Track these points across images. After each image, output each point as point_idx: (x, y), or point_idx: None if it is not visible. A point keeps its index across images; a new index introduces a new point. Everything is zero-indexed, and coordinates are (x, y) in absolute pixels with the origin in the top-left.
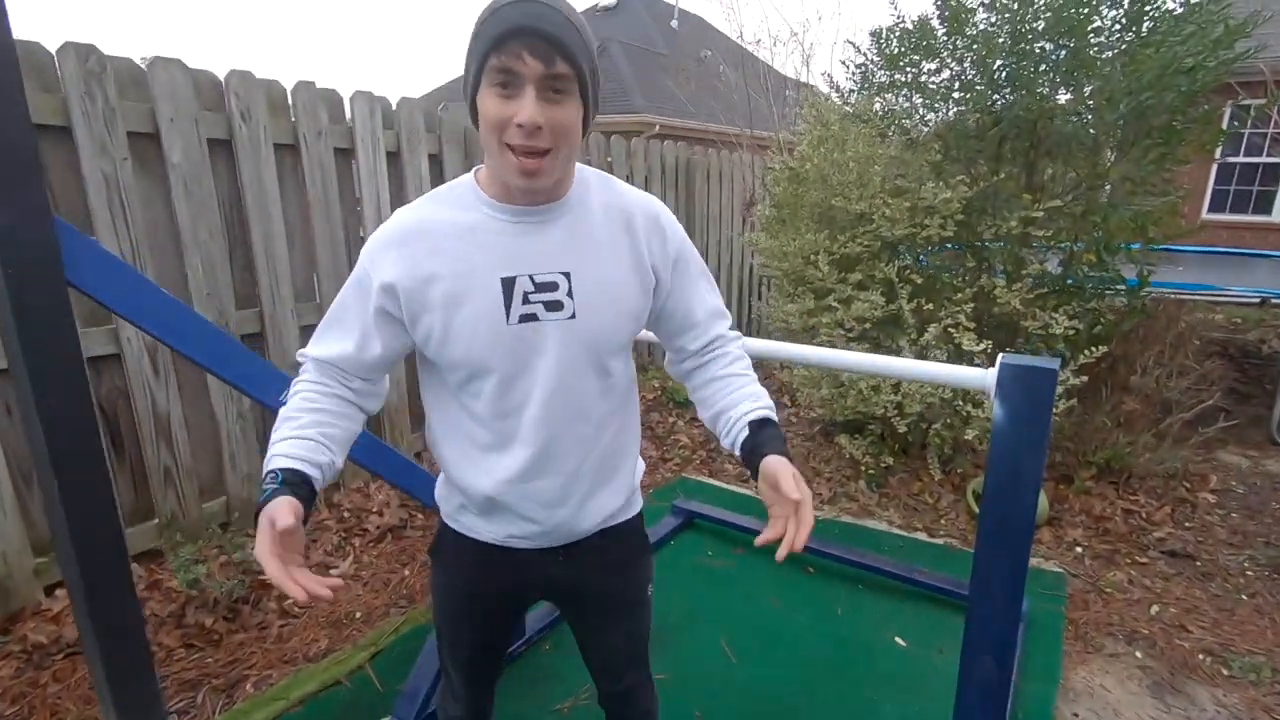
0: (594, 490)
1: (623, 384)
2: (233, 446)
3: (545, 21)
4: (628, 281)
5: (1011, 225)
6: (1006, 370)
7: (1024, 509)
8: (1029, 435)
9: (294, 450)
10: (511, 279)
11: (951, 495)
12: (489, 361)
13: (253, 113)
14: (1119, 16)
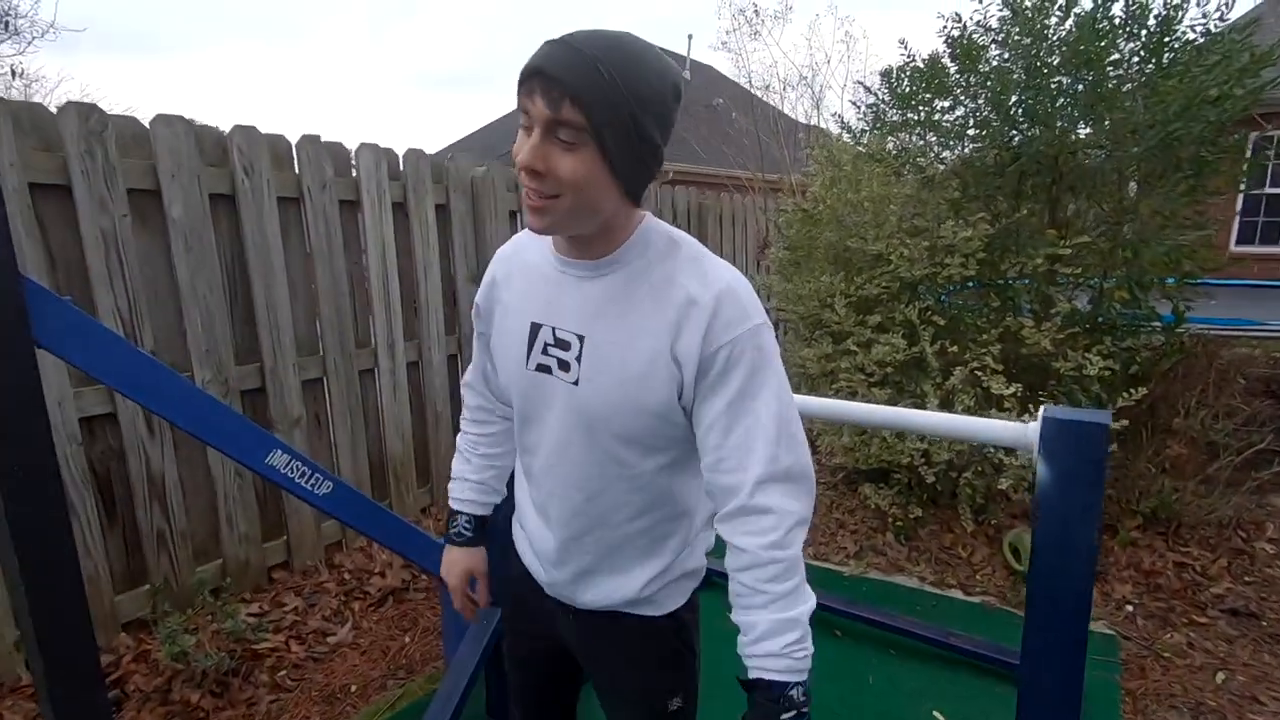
0: (598, 570)
1: (655, 483)
2: (230, 507)
3: (561, 64)
4: (645, 370)
5: (1037, 263)
6: (1051, 425)
7: (1079, 580)
8: (1080, 497)
9: (472, 495)
10: (538, 326)
11: (986, 548)
12: (511, 395)
13: (256, 167)
14: (1137, 49)
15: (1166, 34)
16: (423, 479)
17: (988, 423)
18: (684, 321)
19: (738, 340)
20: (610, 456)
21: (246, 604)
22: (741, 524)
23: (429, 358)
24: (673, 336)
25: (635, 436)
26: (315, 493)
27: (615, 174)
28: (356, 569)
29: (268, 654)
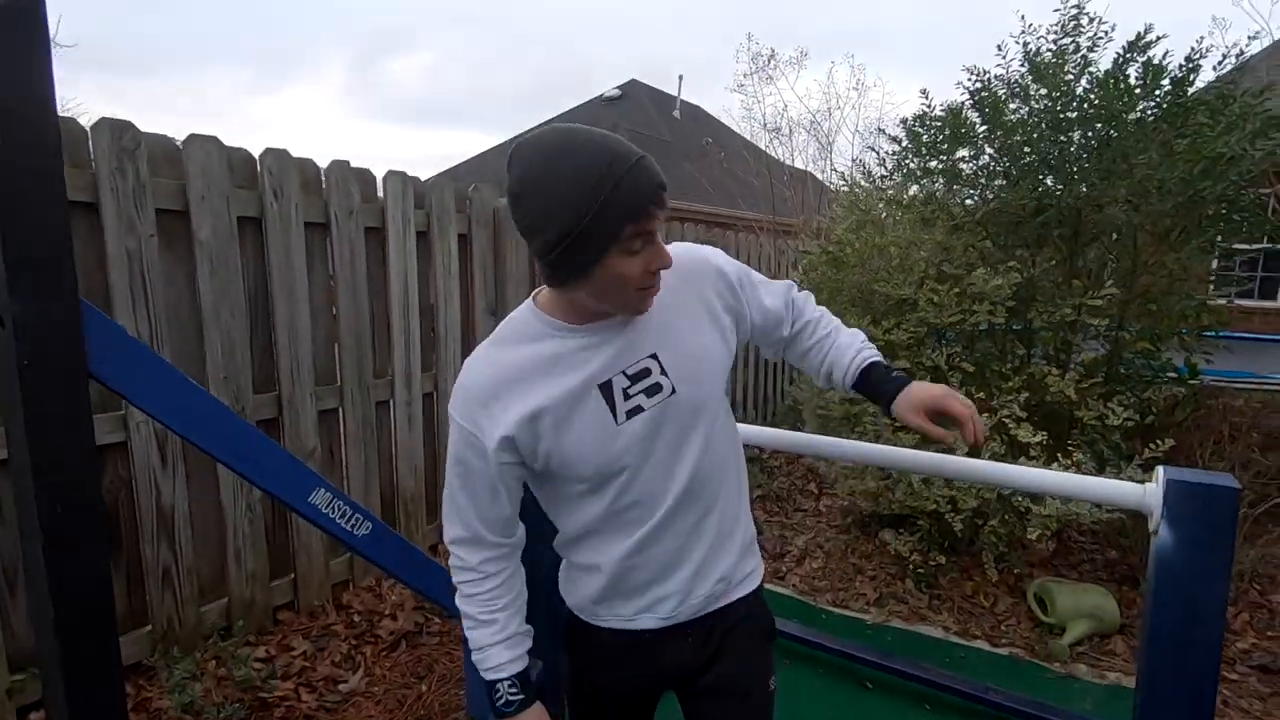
0: (714, 548)
1: (726, 430)
2: (239, 542)
3: (659, 174)
4: (710, 342)
5: (1065, 312)
6: (1176, 489)
7: (1205, 657)
8: (1207, 568)
9: (507, 655)
10: (608, 382)
11: (1009, 598)
12: (610, 465)
13: (285, 190)
14: (1151, 108)
15: (1180, 94)
16: (432, 515)
17: (1101, 482)
18: (713, 289)
19: (731, 269)
20: (710, 426)
21: (253, 647)
22: (802, 311)
23: (445, 389)
24: (715, 305)
25: (721, 396)
26: (355, 534)
27: None
28: (366, 610)
29: (277, 703)
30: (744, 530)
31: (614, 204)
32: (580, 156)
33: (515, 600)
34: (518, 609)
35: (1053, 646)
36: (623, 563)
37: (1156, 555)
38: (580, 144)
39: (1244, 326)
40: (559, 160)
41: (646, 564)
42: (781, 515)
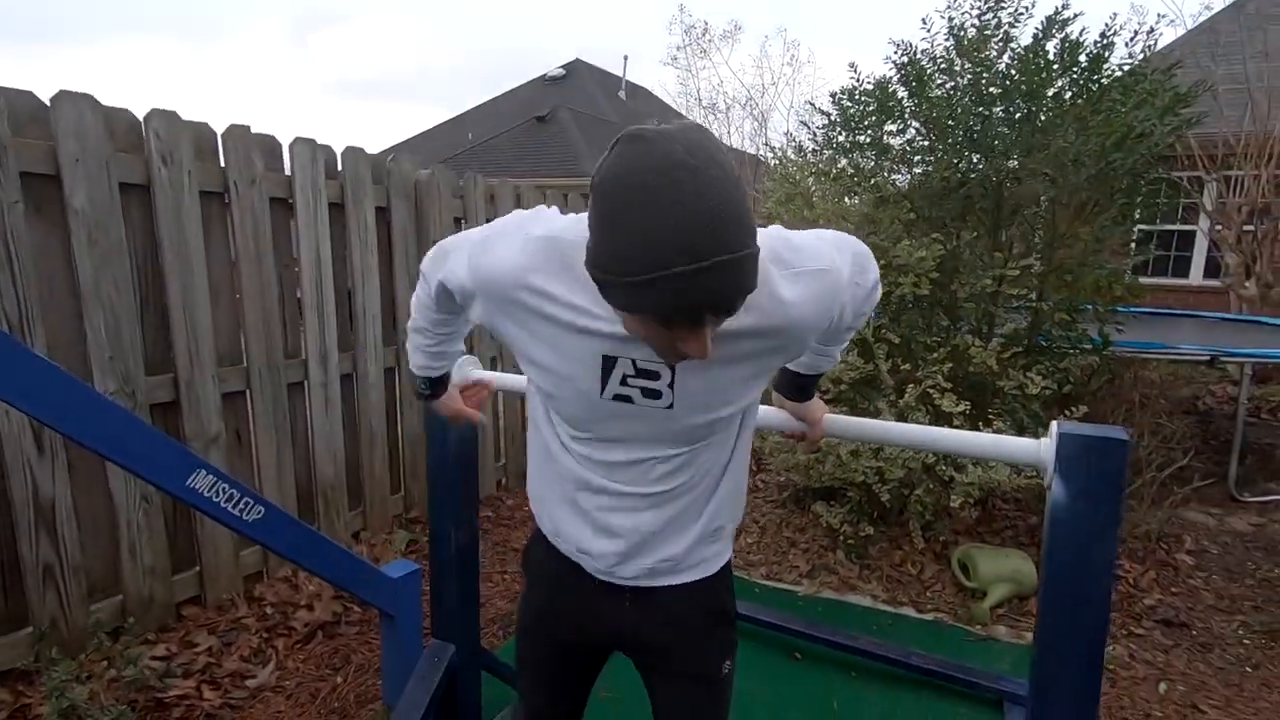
0: (661, 536)
1: (723, 446)
2: (134, 536)
3: (735, 286)
4: (741, 384)
5: (985, 283)
6: (1069, 442)
7: (1096, 606)
8: (1098, 520)
9: (428, 364)
10: (614, 359)
11: (935, 565)
12: (576, 418)
13: (175, 156)
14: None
15: (1095, 71)
16: (355, 501)
17: (999, 439)
18: (782, 347)
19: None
20: (696, 439)
21: (151, 645)
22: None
23: (364, 370)
24: (769, 359)
25: (726, 421)
26: (244, 519)
27: None
28: (280, 602)
29: (175, 703)
30: (709, 522)
31: (660, 293)
32: (656, 226)
33: (452, 333)
34: (450, 338)
35: (974, 610)
36: (563, 505)
37: (1050, 511)
38: (667, 206)
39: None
40: (636, 209)
41: (586, 519)
42: None
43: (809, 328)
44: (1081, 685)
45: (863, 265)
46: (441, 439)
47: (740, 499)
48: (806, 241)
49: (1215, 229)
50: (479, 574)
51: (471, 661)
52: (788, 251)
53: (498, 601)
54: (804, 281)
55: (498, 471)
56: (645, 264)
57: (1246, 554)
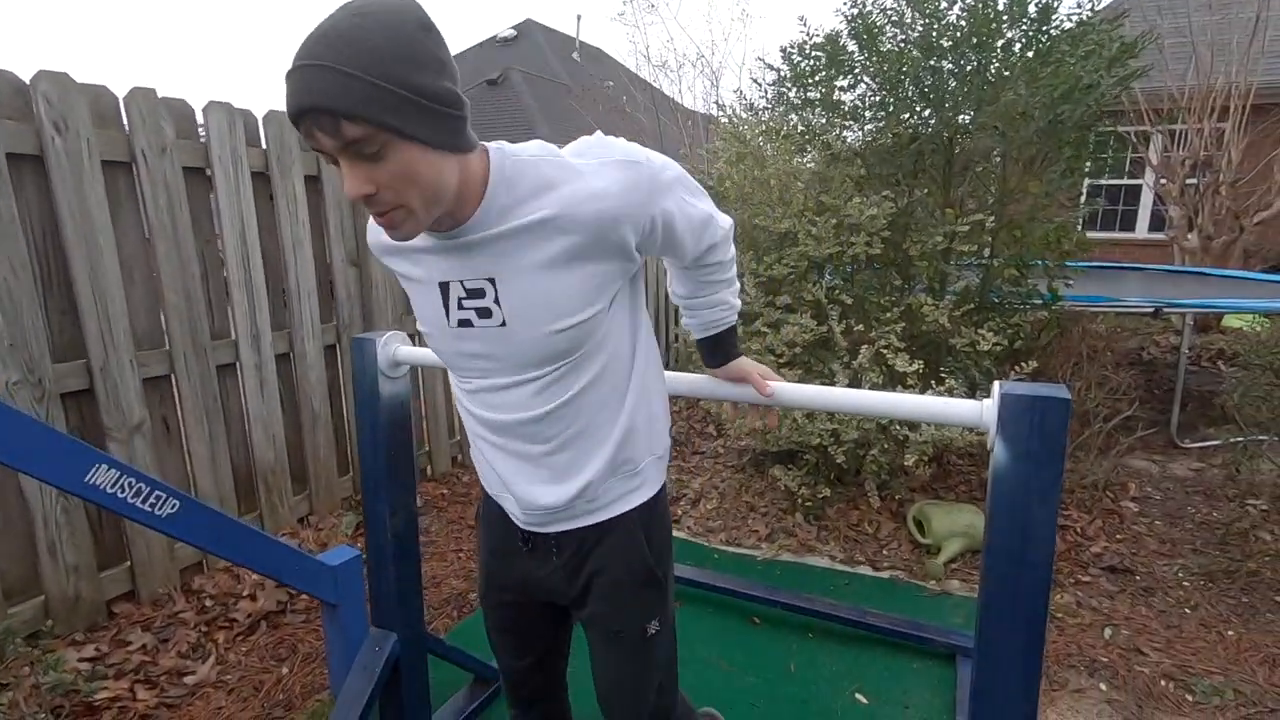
0: (559, 473)
1: (606, 372)
2: (53, 534)
3: (312, 92)
4: (571, 294)
5: (937, 240)
6: (1010, 402)
7: (1039, 566)
8: (1041, 480)
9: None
10: (447, 284)
11: (891, 523)
12: (444, 353)
13: (70, 123)
14: (1018, 36)
15: (1044, 22)
16: (299, 486)
17: (945, 401)
18: (588, 235)
19: (630, 210)
20: (552, 362)
21: (78, 647)
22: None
23: (302, 350)
24: (586, 252)
25: (574, 340)
26: (156, 514)
27: (432, 145)
28: (221, 593)
29: (106, 705)
30: (616, 452)
31: (286, 103)
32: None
33: None
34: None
35: (928, 566)
36: (481, 454)
37: (993, 472)
38: (312, 31)
39: (1105, 256)
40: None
41: (497, 462)
42: (679, 459)
43: (614, 219)
44: (1025, 643)
45: (692, 186)
46: (372, 417)
47: (655, 434)
48: (623, 142)
49: (1160, 183)
50: (419, 558)
51: (415, 649)
52: (595, 144)
53: (453, 581)
54: (610, 170)
55: (453, 448)
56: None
57: (1187, 499)
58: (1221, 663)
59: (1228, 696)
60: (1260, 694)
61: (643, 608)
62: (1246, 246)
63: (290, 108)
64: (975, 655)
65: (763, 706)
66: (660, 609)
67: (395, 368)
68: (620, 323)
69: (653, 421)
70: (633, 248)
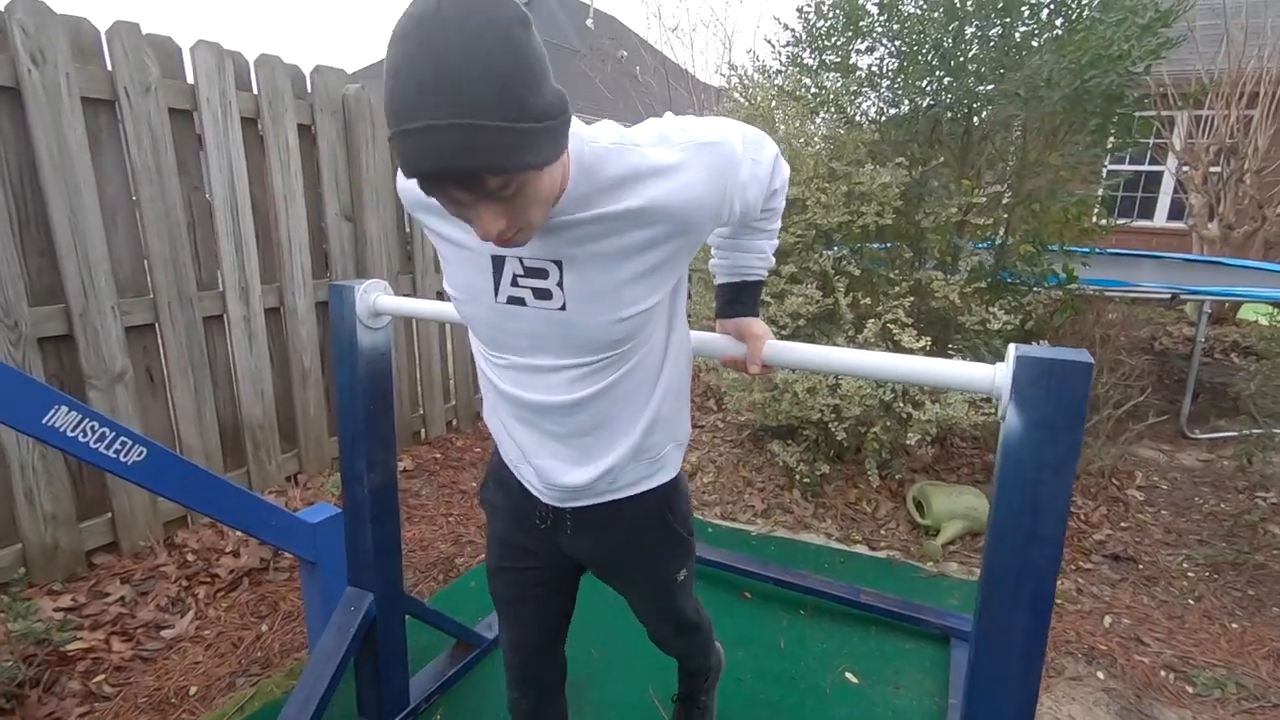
0: (584, 454)
1: (644, 365)
2: (30, 480)
3: (448, 156)
4: (637, 282)
5: (951, 211)
6: (1027, 366)
7: (1049, 543)
8: (1057, 450)
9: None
10: (502, 259)
11: (890, 503)
12: (480, 323)
13: (49, 55)
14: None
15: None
16: (288, 444)
17: (955, 364)
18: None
19: (705, 194)
20: (602, 349)
21: (55, 597)
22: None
23: (292, 305)
24: (661, 246)
25: (628, 331)
26: (122, 461)
27: (552, 163)
28: (204, 548)
29: (80, 656)
30: (641, 440)
31: (400, 158)
32: (394, 83)
33: None
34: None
35: (926, 547)
36: (503, 428)
37: (1004, 442)
38: (406, 61)
39: (1122, 244)
40: (391, 60)
41: (522, 438)
42: None
43: (701, 208)
44: (1029, 623)
45: (755, 141)
46: (350, 368)
47: (678, 423)
48: (693, 121)
49: (1182, 169)
50: (398, 516)
51: (392, 609)
52: (672, 130)
53: (441, 545)
54: (691, 156)
55: (448, 412)
56: (390, 120)
57: (1194, 489)
58: (1224, 655)
59: (1229, 689)
60: (1264, 688)
61: (672, 562)
62: (1268, 237)
63: (421, 173)
64: (975, 632)
65: (749, 681)
66: (687, 558)
67: (375, 317)
68: (663, 312)
69: (678, 410)
70: (707, 234)
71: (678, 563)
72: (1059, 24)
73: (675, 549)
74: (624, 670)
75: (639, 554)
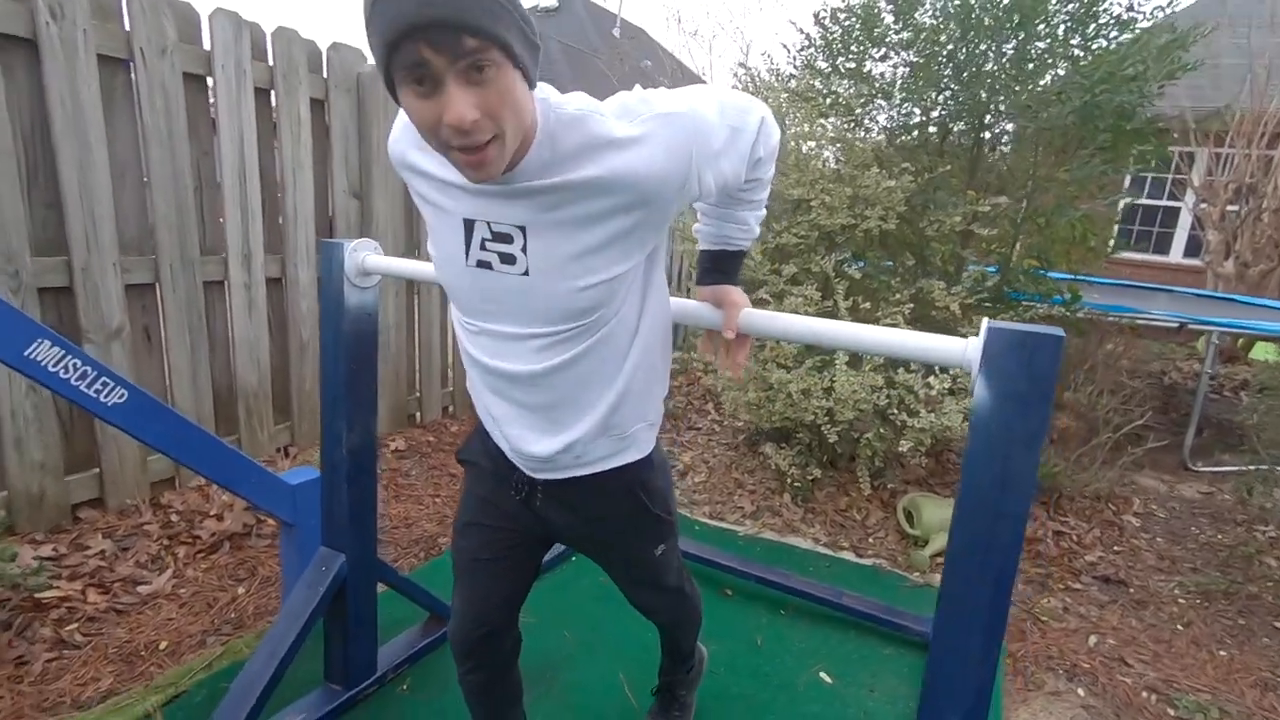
0: (551, 426)
1: (612, 341)
2: (19, 427)
3: (434, 4)
4: (600, 252)
5: (955, 220)
6: (997, 338)
7: (1012, 525)
8: (1025, 425)
9: None
10: (472, 222)
11: (880, 512)
12: (453, 288)
13: (67, 10)
14: (1064, 17)
15: (1095, 4)
16: (282, 415)
17: (928, 336)
18: (631, 196)
19: (672, 163)
20: (568, 318)
21: (36, 545)
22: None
23: (294, 276)
24: (627, 212)
25: (595, 300)
26: (102, 401)
27: (526, 74)
28: (188, 510)
29: (55, 604)
30: (609, 414)
31: (375, 25)
32: None
33: None
34: None
35: (914, 557)
36: (479, 395)
37: (973, 416)
38: None
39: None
40: None
41: (494, 404)
42: (673, 433)
43: (661, 181)
44: (991, 596)
45: (739, 107)
46: (335, 326)
47: (649, 402)
48: (660, 93)
49: (1200, 205)
50: (375, 479)
51: (364, 572)
52: (636, 102)
53: (425, 524)
54: (651, 127)
55: (444, 398)
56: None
57: (1192, 519)
58: (1210, 681)
59: (1212, 715)
60: (1247, 715)
61: (648, 540)
62: None
63: (402, 22)
64: (938, 606)
65: (722, 674)
66: (666, 535)
67: (364, 277)
68: (634, 287)
69: (649, 390)
70: (673, 206)
71: (654, 541)
72: (1074, 42)
73: (651, 528)
74: (597, 655)
75: (613, 531)
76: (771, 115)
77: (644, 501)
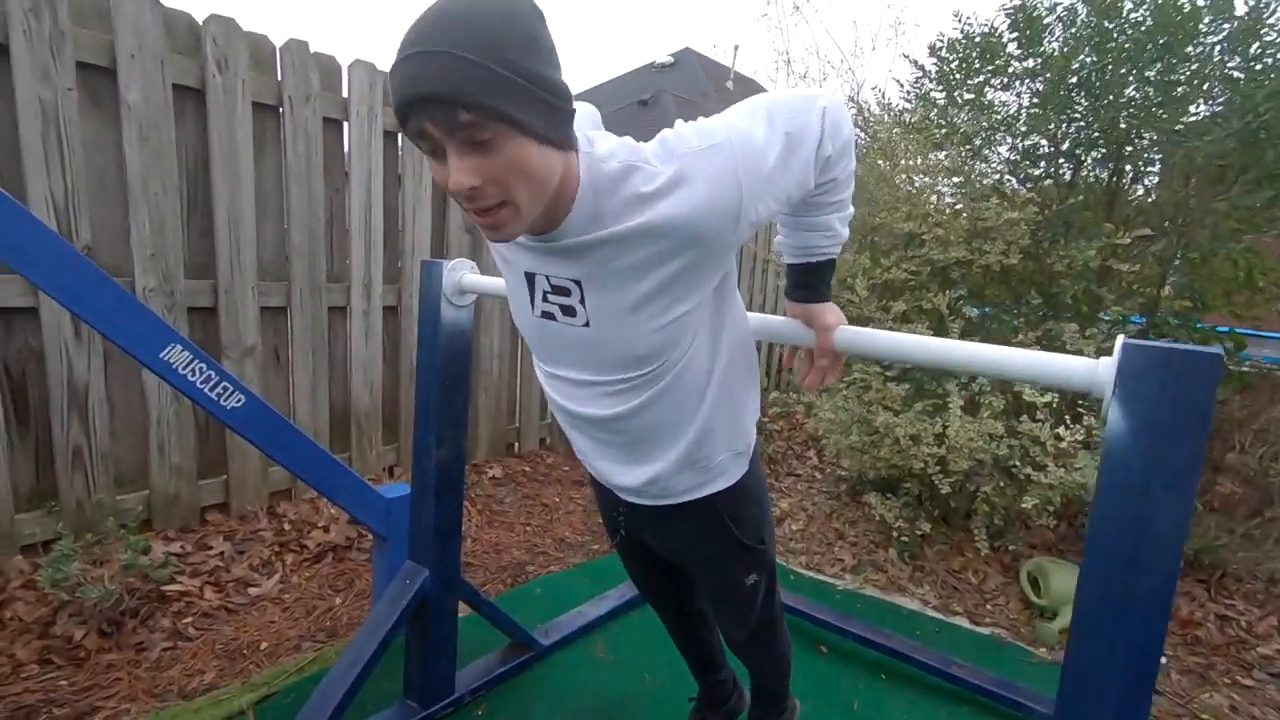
0: (629, 462)
1: (679, 387)
2: (164, 432)
3: (428, 79)
4: (655, 300)
5: (1089, 255)
6: (1135, 356)
7: (1156, 585)
8: (1170, 462)
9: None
10: (533, 275)
11: (1000, 576)
12: (526, 336)
13: (231, 64)
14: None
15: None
16: (390, 435)
17: (1051, 356)
18: (678, 247)
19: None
20: (636, 365)
21: (168, 542)
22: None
23: (409, 305)
24: (675, 263)
25: (656, 346)
26: (222, 404)
27: (543, 139)
28: (299, 520)
29: (176, 598)
30: (690, 451)
31: (391, 93)
32: (406, 30)
33: None
34: None
35: (1040, 630)
36: (556, 412)
37: (1105, 449)
38: (421, 14)
39: None
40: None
41: (575, 439)
42: (772, 478)
43: (707, 215)
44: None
45: (792, 109)
46: (430, 343)
47: (736, 432)
48: (699, 124)
49: None
50: (462, 497)
51: (446, 589)
52: (675, 139)
53: (514, 551)
54: (688, 164)
55: (542, 429)
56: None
57: None
58: None
59: None
60: None
61: (738, 568)
62: None
63: (401, 98)
64: (1061, 681)
65: None
66: (757, 566)
67: (460, 295)
68: (703, 326)
69: (735, 420)
70: (730, 239)
71: (745, 570)
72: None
73: (740, 556)
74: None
75: (701, 556)
76: (837, 103)
77: (732, 530)
